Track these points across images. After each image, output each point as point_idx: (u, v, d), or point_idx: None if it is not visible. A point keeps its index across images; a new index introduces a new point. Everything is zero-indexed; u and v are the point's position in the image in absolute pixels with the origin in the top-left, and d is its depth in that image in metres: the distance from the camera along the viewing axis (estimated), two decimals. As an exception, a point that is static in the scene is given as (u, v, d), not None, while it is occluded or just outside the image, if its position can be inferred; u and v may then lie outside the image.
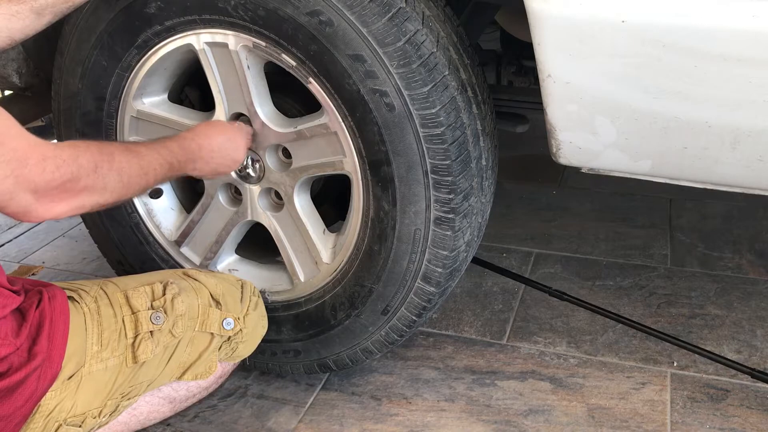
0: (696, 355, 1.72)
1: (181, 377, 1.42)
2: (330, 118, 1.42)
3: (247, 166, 1.56)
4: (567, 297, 1.83)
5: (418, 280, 1.49)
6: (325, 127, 1.44)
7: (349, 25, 1.30)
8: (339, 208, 1.71)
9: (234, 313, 1.45)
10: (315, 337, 1.65)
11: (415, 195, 1.41)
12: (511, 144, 2.73)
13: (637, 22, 1.11)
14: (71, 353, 1.24)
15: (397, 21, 1.30)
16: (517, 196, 2.66)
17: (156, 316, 1.33)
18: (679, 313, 1.97)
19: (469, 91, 1.41)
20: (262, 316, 1.55)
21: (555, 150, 1.34)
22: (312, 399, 1.73)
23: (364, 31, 1.30)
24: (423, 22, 1.33)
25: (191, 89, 1.70)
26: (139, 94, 1.60)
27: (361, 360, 1.66)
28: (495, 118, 1.55)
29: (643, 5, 1.11)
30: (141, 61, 1.55)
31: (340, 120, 1.40)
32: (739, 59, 1.09)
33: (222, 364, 1.49)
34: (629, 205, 2.55)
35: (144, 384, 1.36)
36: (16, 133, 1.07)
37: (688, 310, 1.99)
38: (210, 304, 1.43)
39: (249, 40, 1.41)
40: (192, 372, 1.42)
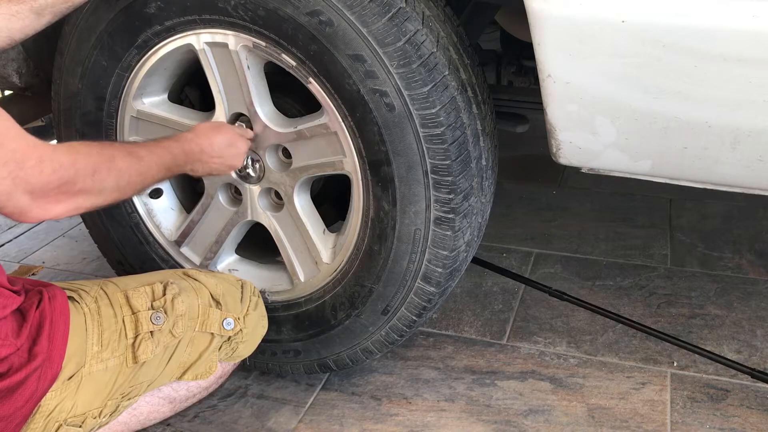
0: (696, 355, 1.72)
1: (181, 377, 1.42)
2: (330, 118, 1.42)
3: (247, 166, 1.56)
4: (567, 297, 1.83)
5: (418, 280, 1.49)
6: (325, 127, 1.44)
7: (349, 25, 1.30)
8: (339, 208, 1.71)
9: (234, 313, 1.45)
10: (315, 337, 1.65)
11: (415, 195, 1.41)
12: (511, 144, 2.73)
13: (637, 22, 1.11)
14: (71, 353, 1.24)
15: (397, 21, 1.30)
16: (517, 196, 2.66)
17: (156, 317, 1.33)
18: (679, 313, 1.97)
19: (469, 91, 1.41)
20: (262, 316, 1.55)
21: (555, 150, 1.34)
22: (312, 399, 1.73)
23: (364, 31, 1.30)
24: (423, 22, 1.33)
25: (191, 89, 1.70)
26: (139, 94, 1.60)
27: (362, 360, 1.66)
28: (495, 118, 1.55)
29: (643, 5, 1.11)
30: (141, 61, 1.55)
31: (340, 120, 1.40)
32: (739, 59, 1.09)
33: (222, 364, 1.48)
34: (629, 205, 2.55)
35: (144, 384, 1.36)
36: (16, 135, 1.07)
37: (688, 310, 1.99)
38: (210, 304, 1.43)
39: (249, 40, 1.41)
40: (192, 372, 1.42)
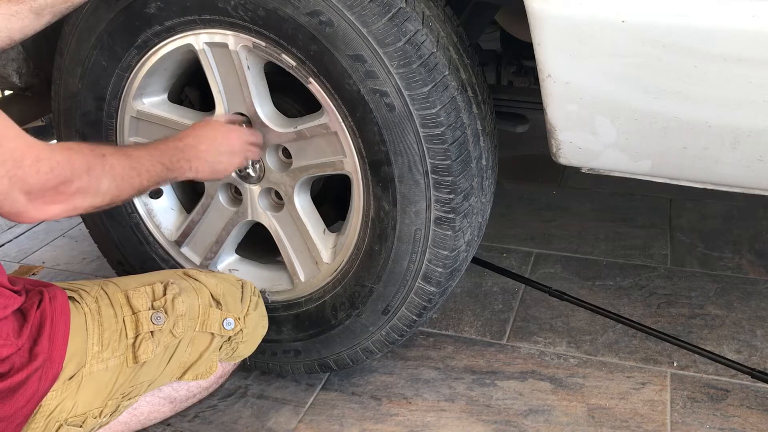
0: (696, 355, 1.72)
1: (181, 377, 1.42)
2: (330, 118, 1.42)
3: (247, 167, 1.56)
4: (567, 297, 1.83)
5: (419, 280, 1.49)
6: (325, 127, 1.44)
7: (349, 25, 1.30)
8: (339, 208, 1.71)
9: (234, 313, 1.45)
10: (315, 337, 1.65)
11: (415, 195, 1.41)
12: (511, 144, 2.73)
13: (637, 22, 1.11)
14: (72, 353, 1.24)
15: (397, 21, 1.30)
16: (517, 196, 2.66)
17: (157, 317, 1.33)
18: (679, 313, 1.97)
19: (469, 91, 1.41)
20: (263, 316, 1.55)
21: (555, 150, 1.34)
22: (312, 399, 1.73)
23: (364, 31, 1.30)
24: (423, 22, 1.33)
25: (191, 89, 1.70)
26: (139, 94, 1.60)
27: (362, 360, 1.66)
28: (495, 118, 1.55)
29: (643, 5, 1.11)
30: (141, 62, 1.54)
31: (341, 120, 1.40)
32: (739, 59, 1.09)
33: (222, 364, 1.49)
34: (629, 205, 2.55)
35: (144, 384, 1.36)
36: (14, 134, 1.06)
37: (688, 310, 1.99)
38: (210, 304, 1.43)
39: (249, 40, 1.41)
40: (192, 372, 1.42)
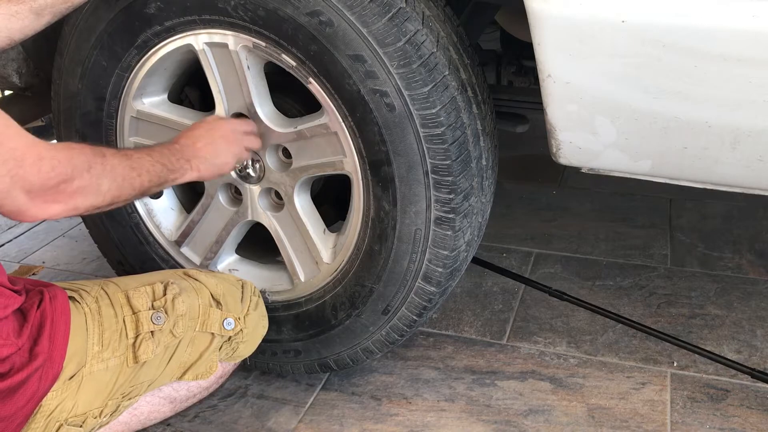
0: (696, 355, 1.72)
1: (181, 377, 1.42)
2: (330, 118, 1.42)
3: (247, 166, 1.56)
4: (567, 297, 1.83)
5: (419, 280, 1.49)
6: (325, 127, 1.44)
7: (349, 25, 1.30)
8: (339, 208, 1.71)
9: (234, 313, 1.45)
10: (315, 337, 1.65)
11: (415, 195, 1.41)
12: (511, 144, 2.73)
13: (637, 22, 1.11)
14: (72, 353, 1.24)
15: (397, 21, 1.30)
16: (517, 196, 2.66)
17: (157, 316, 1.33)
18: (679, 313, 1.97)
19: (469, 91, 1.41)
20: (263, 316, 1.55)
21: (555, 150, 1.34)
22: (312, 399, 1.73)
23: (364, 31, 1.30)
24: (423, 22, 1.33)
25: (191, 89, 1.70)
26: (139, 94, 1.60)
27: (362, 360, 1.66)
28: (495, 118, 1.55)
29: (643, 5, 1.11)
30: (141, 62, 1.55)
31: (341, 120, 1.40)
32: (739, 59, 1.09)
33: (222, 364, 1.49)
34: (629, 205, 2.55)
35: (145, 384, 1.36)
36: (14, 133, 1.07)
37: (688, 310, 1.99)
38: (210, 304, 1.43)
39: (249, 40, 1.41)
40: (193, 372, 1.42)
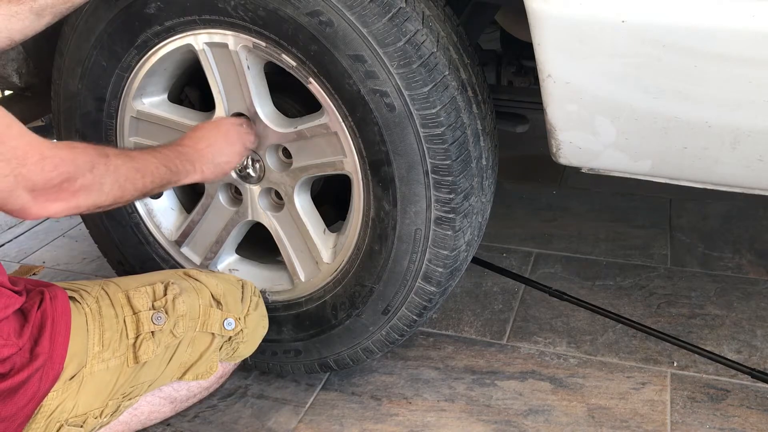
0: (696, 355, 1.72)
1: (182, 377, 1.42)
2: (330, 118, 1.42)
3: (247, 166, 1.57)
4: (567, 297, 1.83)
5: (419, 280, 1.49)
6: (325, 127, 1.44)
7: (349, 25, 1.30)
8: (339, 208, 1.71)
9: (235, 314, 1.45)
10: (316, 337, 1.65)
11: (415, 195, 1.41)
12: (511, 144, 2.73)
13: (637, 22, 1.12)
14: (73, 354, 1.24)
15: (397, 21, 1.30)
16: (517, 196, 2.66)
17: (157, 317, 1.33)
18: (679, 313, 1.98)
19: (470, 91, 1.41)
20: (263, 316, 1.55)
21: (555, 150, 1.35)
22: (312, 399, 1.73)
23: (364, 31, 1.30)
24: (423, 22, 1.33)
25: (191, 89, 1.70)
26: (139, 94, 1.60)
27: (362, 359, 1.66)
28: (495, 118, 1.55)
29: (643, 5, 1.11)
30: (141, 62, 1.55)
31: (341, 120, 1.40)
32: (739, 59, 1.09)
33: (223, 364, 1.49)
34: (629, 205, 2.55)
35: (145, 384, 1.36)
36: (17, 132, 1.07)
37: (688, 310, 1.99)
38: (211, 305, 1.43)
39: (249, 40, 1.41)
40: (193, 372, 1.42)
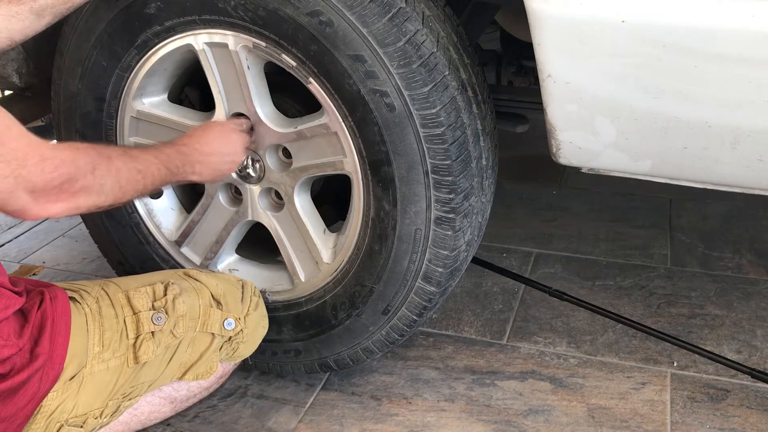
0: (696, 355, 1.72)
1: (182, 377, 1.42)
2: (330, 119, 1.42)
3: (247, 166, 1.57)
4: (567, 297, 1.83)
5: (419, 280, 1.49)
6: (325, 127, 1.44)
7: (349, 25, 1.30)
8: (339, 208, 1.71)
9: (235, 314, 1.45)
10: (316, 337, 1.65)
11: (415, 195, 1.41)
12: (511, 144, 2.73)
13: (637, 22, 1.12)
14: (73, 354, 1.24)
15: (398, 21, 1.30)
16: (517, 196, 2.66)
17: (157, 317, 1.34)
18: (679, 313, 1.98)
19: (470, 91, 1.41)
20: (263, 316, 1.55)
21: (555, 150, 1.35)
22: (312, 399, 1.73)
23: (364, 31, 1.30)
24: (423, 22, 1.33)
25: (191, 89, 1.70)
26: (139, 94, 1.60)
27: (362, 359, 1.66)
28: (495, 118, 1.55)
29: (643, 5, 1.11)
30: (141, 62, 1.54)
31: (341, 120, 1.40)
32: (739, 59, 1.09)
33: (223, 364, 1.49)
34: (629, 205, 2.55)
35: (145, 384, 1.36)
36: (17, 133, 1.07)
37: (688, 310, 1.99)
38: (211, 305, 1.43)
39: (249, 40, 1.41)
40: (193, 372, 1.42)
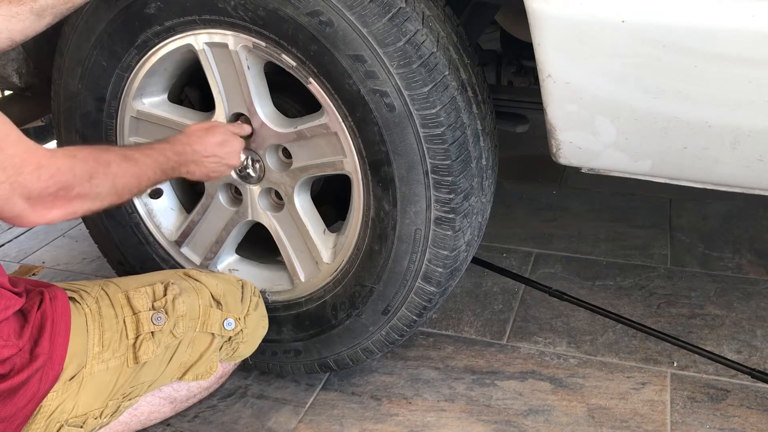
0: (696, 355, 1.72)
1: (182, 377, 1.42)
2: (330, 119, 1.42)
3: (247, 166, 1.56)
4: (567, 297, 1.83)
5: (419, 280, 1.49)
6: (325, 128, 1.44)
7: (349, 25, 1.30)
8: (339, 208, 1.71)
9: (235, 314, 1.45)
10: (316, 337, 1.65)
11: (415, 195, 1.41)
12: (511, 144, 2.73)
13: (637, 22, 1.12)
14: (73, 354, 1.24)
15: (397, 21, 1.30)
16: (517, 196, 2.66)
17: (157, 317, 1.34)
18: (679, 313, 1.97)
19: (469, 91, 1.41)
20: (263, 317, 1.55)
21: (555, 150, 1.35)
22: (312, 399, 1.73)
23: (364, 31, 1.30)
24: (423, 22, 1.33)
25: (191, 89, 1.70)
26: (139, 94, 1.60)
27: (362, 360, 1.66)
28: (495, 118, 1.55)
29: (643, 5, 1.11)
30: (141, 62, 1.54)
31: (341, 120, 1.40)
32: (739, 59, 1.09)
33: (223, 365, 1.49)
34: (629, 205, 2.55)
35: (145, 384, 1.36)
36: (15, 139, 1.07)
37: (688, 310, 1.99)
38: (211, 305, 1.43)
39: (249, 40, 1.41)
40: (193, 372, 1.42)
